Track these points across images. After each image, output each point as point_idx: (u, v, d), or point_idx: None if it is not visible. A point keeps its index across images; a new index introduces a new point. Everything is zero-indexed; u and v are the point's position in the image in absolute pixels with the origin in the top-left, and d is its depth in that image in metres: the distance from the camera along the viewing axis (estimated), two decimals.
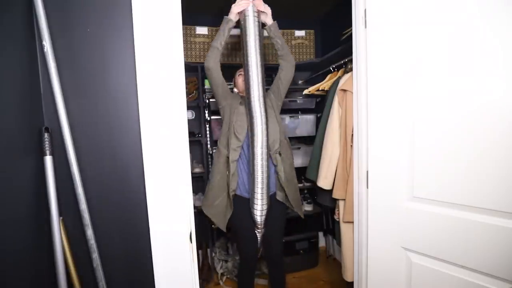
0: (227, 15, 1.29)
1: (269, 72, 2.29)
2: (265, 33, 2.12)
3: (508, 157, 0.73)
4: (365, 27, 1.04)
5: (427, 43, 0.87)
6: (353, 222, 1.25)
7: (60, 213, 0.82)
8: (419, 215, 0.94)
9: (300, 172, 2.20)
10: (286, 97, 2.19)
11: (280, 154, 1.35)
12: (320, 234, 2.42)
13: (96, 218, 0.86)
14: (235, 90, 1.52)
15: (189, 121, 2.11)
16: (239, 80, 1.46)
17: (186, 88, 1.97)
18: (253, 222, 1.33)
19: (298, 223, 2.22)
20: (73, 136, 0.81)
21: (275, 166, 1.34)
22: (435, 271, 0.92)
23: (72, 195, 0.83)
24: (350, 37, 1.18)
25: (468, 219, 0.83)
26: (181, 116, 0.88)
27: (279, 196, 1.39)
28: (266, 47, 2.17)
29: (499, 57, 0.73)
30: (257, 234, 1.38)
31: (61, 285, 0.79)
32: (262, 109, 1.21)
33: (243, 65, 1.24)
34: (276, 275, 1.51)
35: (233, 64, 2.12)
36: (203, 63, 2.02)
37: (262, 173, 1.24)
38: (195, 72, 2.06)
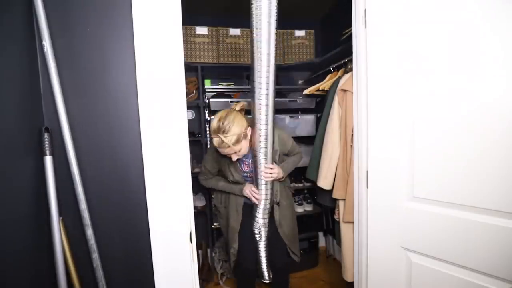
0: (226, 17, 1.29)
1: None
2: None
3: (508, 157, 0.73)
4: (365, 27, 1.04)
5: (427, 42, 0.87)
6: (353, 222, 1.25)
7: (60, 213, 0.82)
8: (419, 215, 0.94)
9: (300, 172, 2.21)
10: (286, 97, 2.21)
11: (278, 204, 1.35)
12: (320, 234, 2.42)
13: (96, 218, 0.86)
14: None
15: (189, 121, 2.11)
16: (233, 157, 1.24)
17: (186, 88, 1.97)
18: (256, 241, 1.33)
19: (298, 223, 2.22)
20: (73, 136, 0.81)
21: (273, 218, 1.35)
22: (435, 271, 0.92)
23: (72, 195, 0.82)
24: (350, 37, 1.18)
25: (468, 219, 0.83)
26: (181, 116, 0.88)
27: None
28: None
29: (499, 56, 0.73)
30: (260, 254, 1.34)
31: (61, 285, 0.79)
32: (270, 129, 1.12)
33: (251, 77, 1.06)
34: (280, 282, 1.49)
35: (235, 64, 2.12)
36: (203, 63, 2.05)
37: (265, 204, 1.24)
38: (195, 72, 2.06)
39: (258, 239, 1.31)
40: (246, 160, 1.34)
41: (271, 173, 1.21)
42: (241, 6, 2.09)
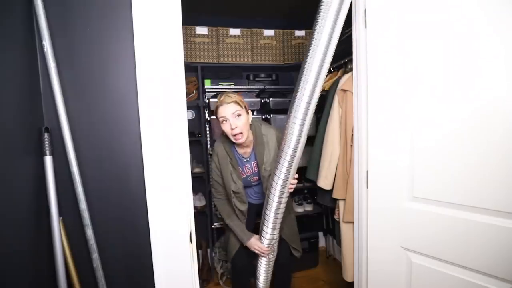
0: (226, 17, 1.28)
1: (269, 72, 2.30)
2: (267, 33, 2.14)
3: (508, 157, 0.73)
4: (365, 27, 1.04)
5: (428, 42, 0.87)
6: (353, 222, 1.25)
7: (60, 213, 0.82)
8: (419, 215, 0.94)
9: (300, 172, 2.20)
10: (286, 97, 2.21)
11: None
12: (320, 234, 2.42)
13: (96, 218, 0.86)
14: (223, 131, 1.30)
15: (189, 121, 2.10)
16: (226, 127, 1.22)
17: (186, 88, 1.97)
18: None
19: (298, 223, 2.22)
20: (73, 136, 0.81)
21: None
22: (435, 271, 0.92)
23: (72, 195, 0.82)
24: (350, 37, 1.18)
25: (468, 219, 0.83)
26: (181, 116, 0.88)
27: None
28: (264, 47, 2.17)
29: (500, 58, 0.73)
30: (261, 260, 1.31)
31: (61, 285, 0.79)
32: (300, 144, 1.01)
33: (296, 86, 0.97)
34: (283, 278, 1.50)
35: (235, 64, 2.12)
36: (203, 63, 2.05)
37: (276, 214, 1.16)
38: (195, 72, 2.06)
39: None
40: (247, 164, 1.35)
41: (294, 184, 1.16)
42: (241, 6, 2.10)
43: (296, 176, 1.16)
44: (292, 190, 1.17)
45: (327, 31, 0.86)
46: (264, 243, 1.24)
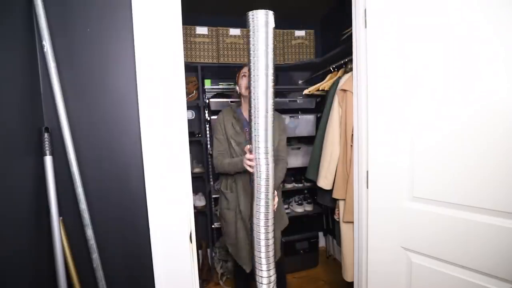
0: (226, 17, 1.29)
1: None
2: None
3: (508, 157, 0.73)
4: (365, 27, 1.04)
5: (428, 46, 0.87)
6: (353, 222, 1.25)
7: (60, 213, 0.82)
8: (419, 215, 0.94)
9: (300, 172, 2.21)
10: (286, 97, 2.21)
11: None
12: (320, 234, 2.42)
13: (96, 218, 0.86)
14: (237, 88, 1.45)
15: (189, 121, 2.11)
16: (243, 82, 1.38)
17: (186, 88, 1.97)
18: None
19: (298, 223, 2.22)
20: (73, 136, 0.81)
21: None
22: (435, 271, 0.92)
23: (72, 195, 0.82)
24: (350, 37, 1.18)
25: (468, 219, 0.83)
26: (181, 116, 0.88)
27: None
28: None
29: (500, 60, 0.73)
30: None
31: (61, 285, 0.79)
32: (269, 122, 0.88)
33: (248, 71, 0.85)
34: (279, 274, 1.50)
35: (235, 64, 2.12)
36: (203, 63, 2.05)
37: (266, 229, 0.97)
38: (195, 72, 2.06)
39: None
40: (247, 128, 1.36)
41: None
42: (241, 6, 2.10)
43: (275, 194, 1.21)
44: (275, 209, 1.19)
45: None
46: None
